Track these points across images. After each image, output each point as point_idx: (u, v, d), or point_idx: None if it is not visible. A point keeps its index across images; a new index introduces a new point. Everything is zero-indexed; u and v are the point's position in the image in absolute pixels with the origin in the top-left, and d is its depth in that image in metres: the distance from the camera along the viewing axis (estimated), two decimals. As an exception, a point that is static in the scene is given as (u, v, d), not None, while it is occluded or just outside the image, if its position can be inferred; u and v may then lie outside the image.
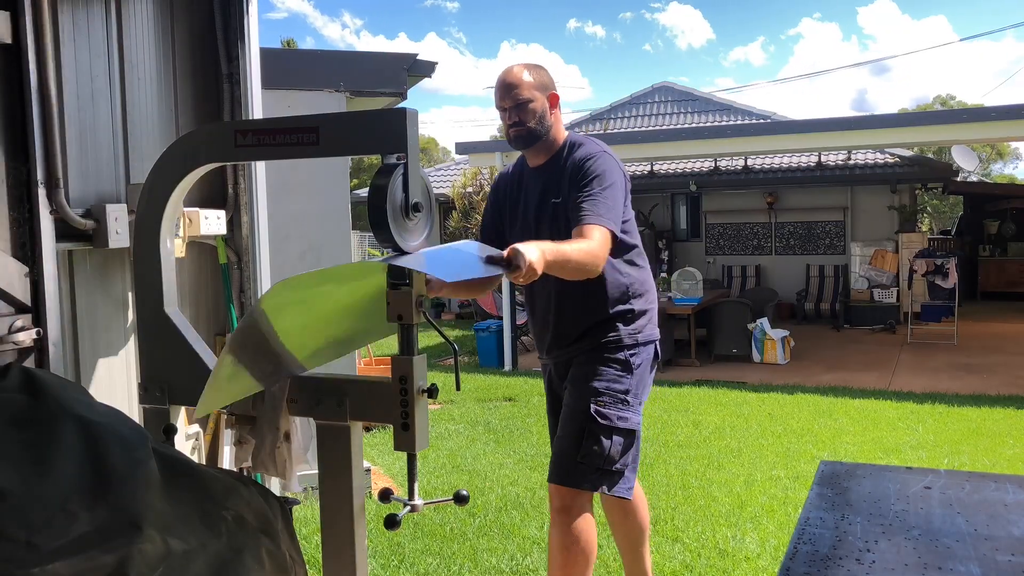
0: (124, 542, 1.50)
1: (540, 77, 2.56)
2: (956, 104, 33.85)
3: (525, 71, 2.54)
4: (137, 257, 2.09)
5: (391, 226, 1.79)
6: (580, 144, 2.59)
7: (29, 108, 2.42)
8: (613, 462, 2.46)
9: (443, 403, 7.18)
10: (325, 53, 5.84)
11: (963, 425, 6.08)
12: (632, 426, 2.51)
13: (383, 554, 3.64)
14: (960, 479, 2.11)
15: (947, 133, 9.05)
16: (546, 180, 2.59)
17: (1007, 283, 15.02)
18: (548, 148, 2.60)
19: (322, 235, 4.96)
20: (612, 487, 2.47)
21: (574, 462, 2.45)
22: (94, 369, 2.74)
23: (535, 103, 2.52)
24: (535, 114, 2.52)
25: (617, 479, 2.48)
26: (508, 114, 2.54)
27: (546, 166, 2.61)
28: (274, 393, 1.92)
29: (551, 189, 2.56)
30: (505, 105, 2.53)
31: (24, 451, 1.56)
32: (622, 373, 2.53)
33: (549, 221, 2.55)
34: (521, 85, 2.51)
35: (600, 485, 2.46)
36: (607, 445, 2.45)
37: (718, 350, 9.43)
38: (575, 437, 2.46)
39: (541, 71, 2.58)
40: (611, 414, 2.48)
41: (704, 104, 17.04)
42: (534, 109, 2.52)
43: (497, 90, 2.56)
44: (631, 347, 2.57)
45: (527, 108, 2.51)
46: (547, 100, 2.56)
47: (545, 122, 2.55)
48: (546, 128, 2.56)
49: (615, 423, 2.47)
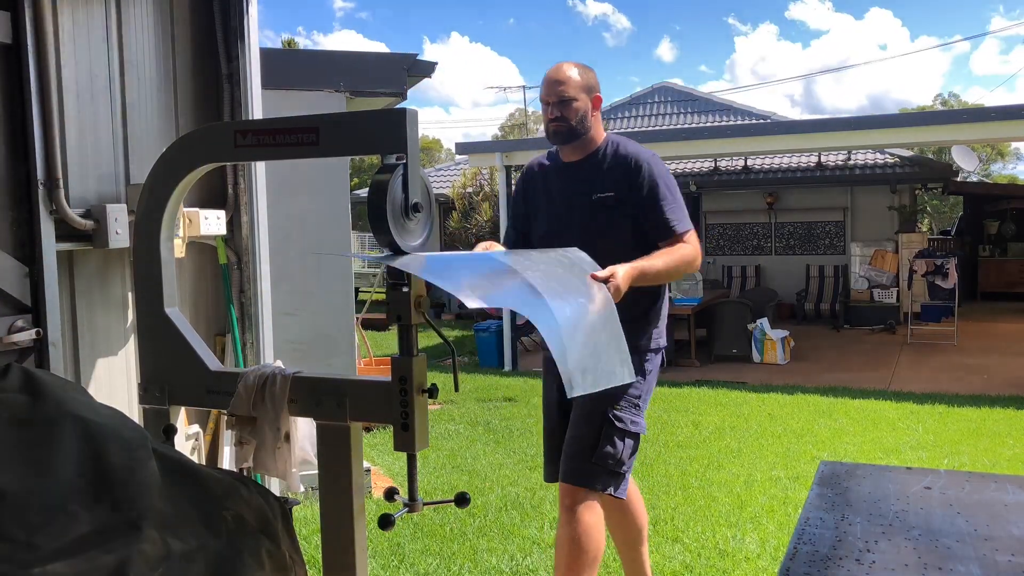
0: (124, 542, 1.50)
1: (587, 78, 2.62)
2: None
3: (574, 70, 2.61)
4: (137, 257, 2.09)
5: (391, 226, 1.79)
6: (623, 144, 2.66)
7: (29, 108, 2.42)
8: (622, 464, 2.54)
9: (443, 403, 7.18)
10: (325, 53, 5.85)
11: (963, 425, 6.08)
12: (641, 430, 2.59)
13: (383, 554, 3.64)
14: (960, 479, 2.11)
15: (947, 133, 9.05)
16: (586, 174, 2.64)
17: (1007, 283, 15.02)
18: (585, 146, 2.65)
19: (322, 235, 4.96)
20: (617, 488, 2.55)
21: (589, 463, 2.51)
22: (94, 369, 2.74)
23: (579, 102, 2.58)
24: (577, 113, 2.58)
25: (621, 481, 2.56)
26: (551, 109, 2.60)
27: (584, 162, 2.66)
28: (275, 394, 1.92)
29: (593, 183, 2.62)
30: (550, 100, 2.59)
31: (24, 451, 1.56)
32: (637, 377, 2.54)
33: (588, 213, 2.61)
34: (568, 83, 2.58)
35: (609, 486, 2.53)
36: (620, 448, 2.53)
37: (718, 350, 9.43)
38: (592, 439, 2.52)
39: (589, 73, 2.65)
40: (626, 418, 2.55)
41: (704, 104, 17.04)
42: (577, 108, 2.58)
43: (544, 85, 2.62)
44: (646, 353, 2.64)
45: (571, 106, 2.57)
46: (591, 101, 2.62)
47: (586, 122, 2.61)
48: (586, 128, 2.62)
49: (629, 427, 2.55)
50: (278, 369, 1.95)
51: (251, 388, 1.93)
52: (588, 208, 2.62)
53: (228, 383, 1.97)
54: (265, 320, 3.44)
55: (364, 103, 5.23)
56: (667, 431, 6.06)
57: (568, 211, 2.66)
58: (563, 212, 2.67)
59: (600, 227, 2.58)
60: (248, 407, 1.93)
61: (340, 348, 5.15)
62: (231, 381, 1.97)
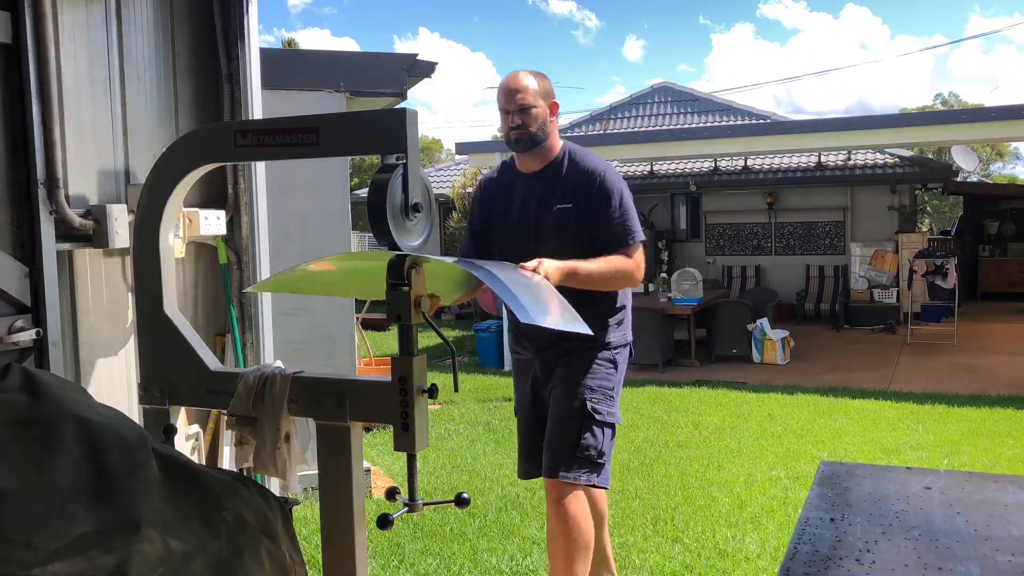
0: (124, 542, 1.50)
1: (544, 85, 2.69)
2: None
3: (530, 78, 2.67)
4: (137, 257, 2.09)
5: (391, 226, 1.79)
6: (579, 154, 2.74)
7: (29, 108, 2.42)
8: (603, 454, 2.65)
9: (443, 403, 7.18)
10: (325, 53, 5.85)
11: (963, 425, 6.08)
12: (617, 420, 2.72)
13: (383, 554, 3.64)
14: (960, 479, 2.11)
15: (947, 133, 9.05)
16: (546, 186, 2.72)
17: (1007, 283, 15.02)
18: (544, 155, 2.73)
19: (322, 235, 4.95)
20: (599, 477, 2.65)
21: (572, 456, 2.61)
22: (94, 369, 2.74)
23: (537, 109, 2.65)
24: (537, 119, 2.65)
25: (602, 470, 2.66)
26: (511, 117, 2.66)
27: (544, 172, 2.74)
28: (275, 394, 1.92)
29: (554, 195, 2.70)
30: (509, 108, 2.66)
31: (24, 451, 1.56)
32: (610, 371, 2.73)
33: (554, 225, 2.68)
34: (526, 91, 2.65)
35: (592, 476, 2.63)
36: (600, 438, 2.64)
37: (718, 350, 9.43)
38: (573, 432, 2.63)
39: (545, 79, 2.72)
40: (603, 409, 2.67)
41: (704, 104, 17.03)
42: (536, 115, 2.65)
43: (502, 93, 2.68)
44: (616, 348, 2.77)
45: (530, 113, 2.64)
46: (548, 108, 2.69)
47: (545, 128, 2.68)
48: (545, 134, 2.69)
49: (607, 418, 2.67)
50: (278, 369, 1.95)
51: (251, 388, 1.93)
52: (549, 218, 2.69)
53: (228, 383, 1.97)
54: (265, 320, 3.44)
55: (364, 103, 5.23)
56: (667, 431, 6.06)
57: (537, 221, 2.71)
58: (531, 222, 2.72)
59: (561, 237, 2.65)
60: (248, 407, 1.93)
61: (340, 348, 5.15)
62: (231, 381, 1.97)
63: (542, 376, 2.82)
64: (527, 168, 2.77)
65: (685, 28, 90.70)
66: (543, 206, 2.71)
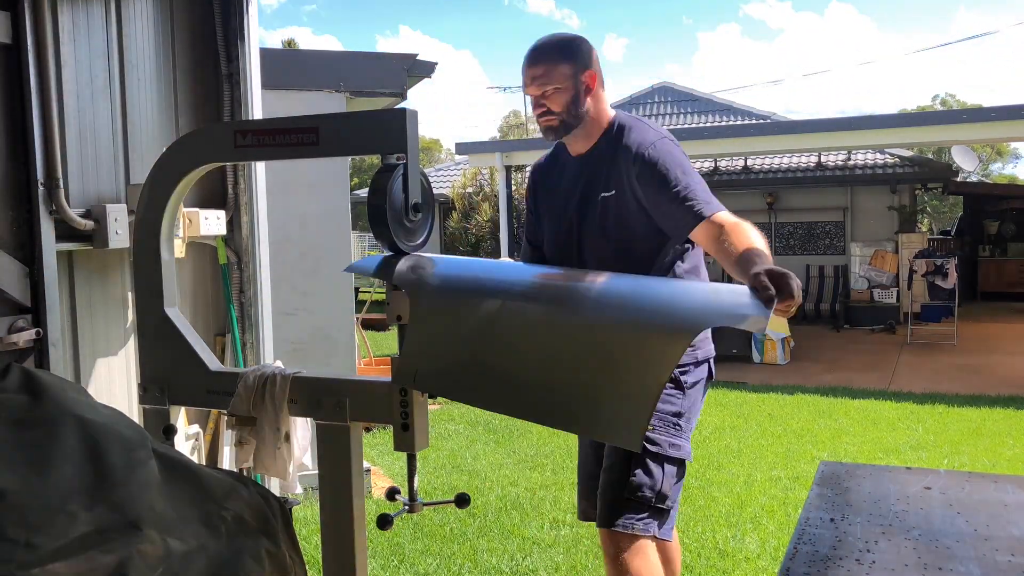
0: (124, 543, 1.50)
1: (573, 57, 2.18)
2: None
3: (554, 51, 2.18)
4: (137, 257, 2.09)
5: (391, 227, 1.79)
6: (630, 128, 2.22)
7: (29, 108, 2.42)
8: (665, 498, 2.10)
9: (443, 403, 7.18)
10: (325, 54, 5.85)
11: (963, 425, 6.07)
12: (684, 456, 2.16)
13: (383, 554, 3.64)
14: (960, 479, 2.11)
15: (947, 133, 9.06)
16: (592, 170, 2.25)
17: (1007, 283, 15.02)
18: (589, 134, 2.24)
19: (322, 235, 4.96)
20: (661, 527, 2.11)
21: (623, 499, 2.08)
22: (94, 369, 2.74)
23: (564, 89, 2.17)
24: (565, 101, 2.17)
25: (665, 518, 2.12)
26: (535, 102, 2.21)
27: (590, 154, 2.27)
28: (275, 394, 1.92)
29: (598, 181, 2.22)
30: (532, 93, 2.20)
31: (24, 451, 1.56)
32: (673, 393, 2.19)
33: (597, 217, 2.22)
34: (548, 71, 2.16)
35: (650, 524, 2.09)
36: (658, 477, 2.10)
37: (718, 350, 9.32)
38: (623, 468, 2.11)
39: (575, 49, 2.19)
40: (662, 440, 2.12)
41: (704, 104, 17.05)
42: (564, 96, 2.17)
43: (523, 73, 2.22)
44: (684, 365, 2.25)
45: (556, 96, 2.17)
46: (582, 82, 2.18)
47: (580, 108, 2.19)
48: (582, 115, 2.20)
49: (667, 451, 2.12)
50: (278, 369, 1.95)
51: (251, 388, 1.93)
52: (598, 210, 2.21)
53: (228, 383, 1.97)
54: (265, 320, 3.44)
55: (364, 103, 5.23)
56: (667, 431, 6.05)
57: (580, 213, 2.26)
58: (572, 214, 2.27)
59: (610, 229, 2.20)
60: (248, 407, 1.93)
61: (340, 348, 5.15)
62: (231, 381, 1.97)
63: None
64: (575, 150, 2.29)
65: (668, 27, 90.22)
66: (587, 194, 2.23)
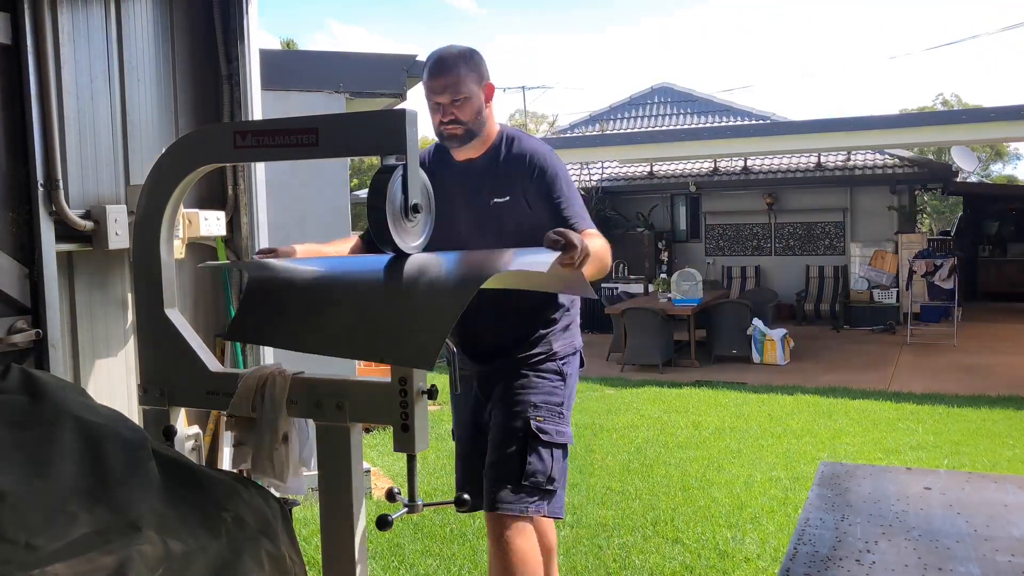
0: (124, 543, 1.50)
1: (477, 67, 2.26)
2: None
3: (461, 61, 2.23)
4: (137, 258, 2.09)
5: (390, 227, 1.79)
6: (520, 139, 2.36)
7: (29, 108, 2.42)
8: (554, 480, 2.29)
9: (443, 404, 7.18)
10: (325, 54, 5.85)
11: (963, 426, 6.08)
12: (568, 440, 2.36)
13: (383, 555, 3.64)
14: (960, 480, 2.11)
15: (947, 134, 9.07)
16: (479, 177, 2.34)
17: (1007, 283, 15.02)
18: (483, 143, 2.34)
19: (322, 235, 4.95)
20: (551, 505, 2.30)
21: (519, 485, 2.24)
22: (94, 370, 2.74)
23: (472, 98, 2.24)
24: (472, 110, 2.25)
25: (554, 497, 2.30)
26: (442, 109, 2.25)
27: (481, 161, 2.35)
28: (274, 394, 1.92)
29: (488, 187, 2.32)
30: (440, 100, 2.24)
31: (24, 452, 1.56)
32: (557, 384, 2.36)
33: (492, 222, 2.33)
34: (458, 79, 2.21)
35: (542, 505, 2.27)
36: (549, 462, 2.28)
37: (718, 351, 9.43)
38: (517, 458, 2.26)
39: (478, 59, 2.28)
40: (551, 429, 2.31)
41: (703, 105, 17.03)
42: (472, 105, 2.24)
43: (429, 80, 2.25)
44: (564, 357, 2.40)
45: (465, 105, 2.23)
46: (484, 92, 2.28)
47: (482, 118, 2.28)
48: (482, 124, 2.29)
49: (555, 438, 2.31)
50: (278, 370, 1.95)
51: (251, 389, 1.93)
52: (484, 212, 2.32)
53: (228, 384, 1.97)
54: (265, 321, 3.43)
55: (364, 104, 5.23)
56: (667, 432, 6.06)
57: (480, 216, 2.34)
58: (454, 216, 2.33)
59: (496, 232, 2.30)
60: (248, 408, 1.93)
61: (340, 349, 5.14)
62: (231, 382, 1.97)
63: (482, 396, 2.45)
64: (461, 156, 2.36)
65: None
66: (478, 200, 2.32)
